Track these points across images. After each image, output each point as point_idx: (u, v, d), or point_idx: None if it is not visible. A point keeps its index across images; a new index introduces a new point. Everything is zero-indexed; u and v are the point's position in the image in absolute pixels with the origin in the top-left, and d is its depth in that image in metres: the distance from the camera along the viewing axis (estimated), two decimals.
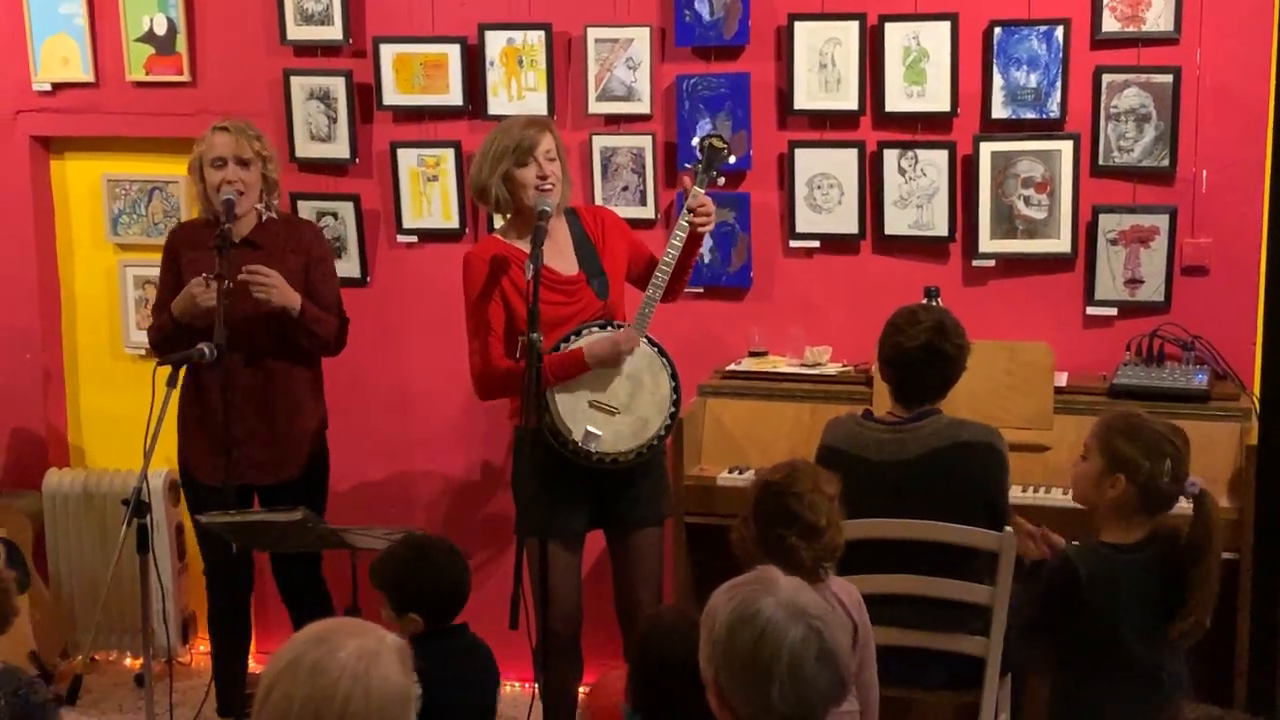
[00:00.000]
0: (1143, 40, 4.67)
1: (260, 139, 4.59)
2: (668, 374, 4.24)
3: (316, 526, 4.12)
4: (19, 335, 5.68)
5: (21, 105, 5.56)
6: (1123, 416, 3.54)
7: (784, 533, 3.33)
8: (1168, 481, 3.43)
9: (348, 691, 2.13)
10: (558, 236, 4.31)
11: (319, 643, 2.20)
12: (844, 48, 4.85)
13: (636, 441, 4.20)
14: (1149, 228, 4.74)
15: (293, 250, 4.61)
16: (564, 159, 4.29)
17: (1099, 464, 3.46)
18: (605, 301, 4.28)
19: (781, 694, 2.27)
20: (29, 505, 5.51)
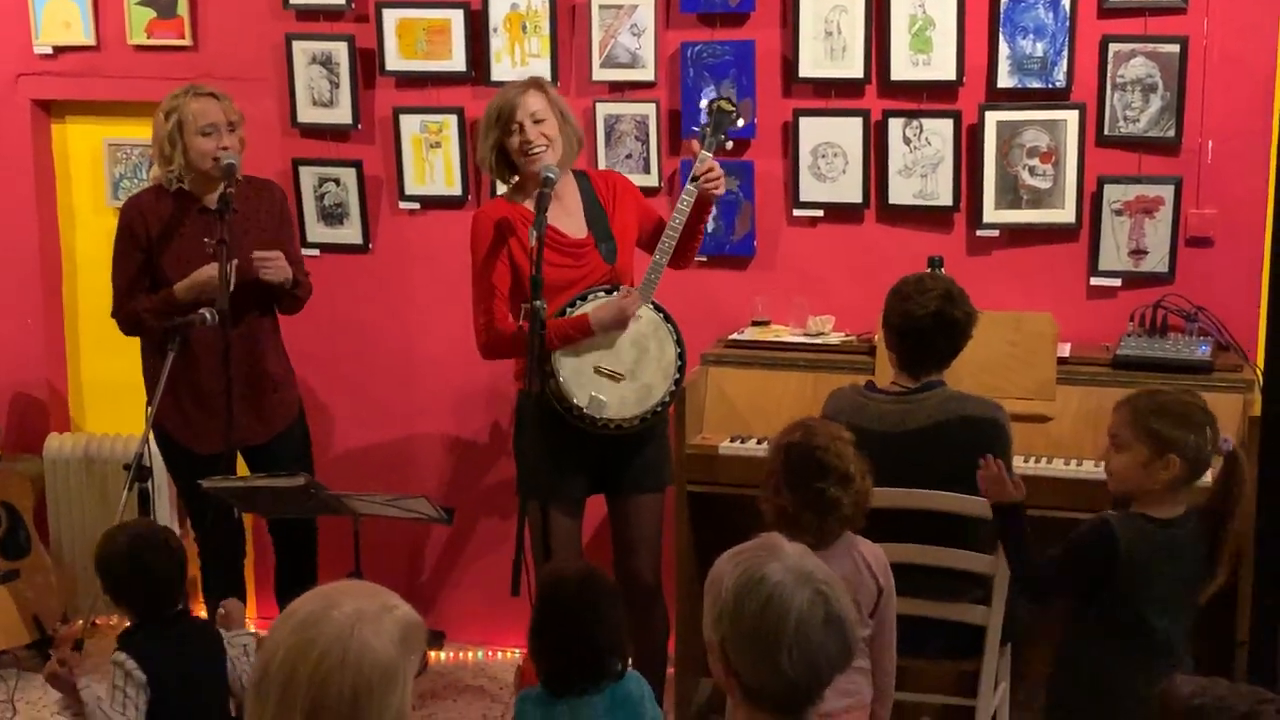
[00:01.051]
0: (1150, 9, 4.65)
1: (231, 101, 4.62)
2: (673, 340, 4.24)
3: (319, 492, 4.13)
4: (20, 300, 5.69)
5: (23, 69, 5.55)
6: (1148, 397, 3.50)
7: (823, 486, 3.37)
8: (1210, 449, 3.44)
9: (325, 648, 2.13)
10: (567, 199, 4.30)
11: (321, 598, 2.21)
12: (850, 15, 4.83)
13: (641, 408, 4.20)
14: (1154, 198, 4.73)
15: (265, 210, 4.66)
16: (563, 116, 4.24)
17: (1144, 451, 3.42)
18: (613, 266, 4.27)
19: (790, 659, 2.28)
20: (30, 469, 5.53)
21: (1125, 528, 3.42)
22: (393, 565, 5.25)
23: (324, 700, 2.12)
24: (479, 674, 5.29)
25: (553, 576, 3.39)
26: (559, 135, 4.22)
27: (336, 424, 4.92)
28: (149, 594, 3.65)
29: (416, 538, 5.39)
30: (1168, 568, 3.42)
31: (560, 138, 4.23)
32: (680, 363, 4.24)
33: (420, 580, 5.44)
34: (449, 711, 4.99)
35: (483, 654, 5.43)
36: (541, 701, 3.22)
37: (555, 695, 3.21)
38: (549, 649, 3.22)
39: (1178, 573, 3.44)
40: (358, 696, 2.13)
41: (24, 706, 5.02)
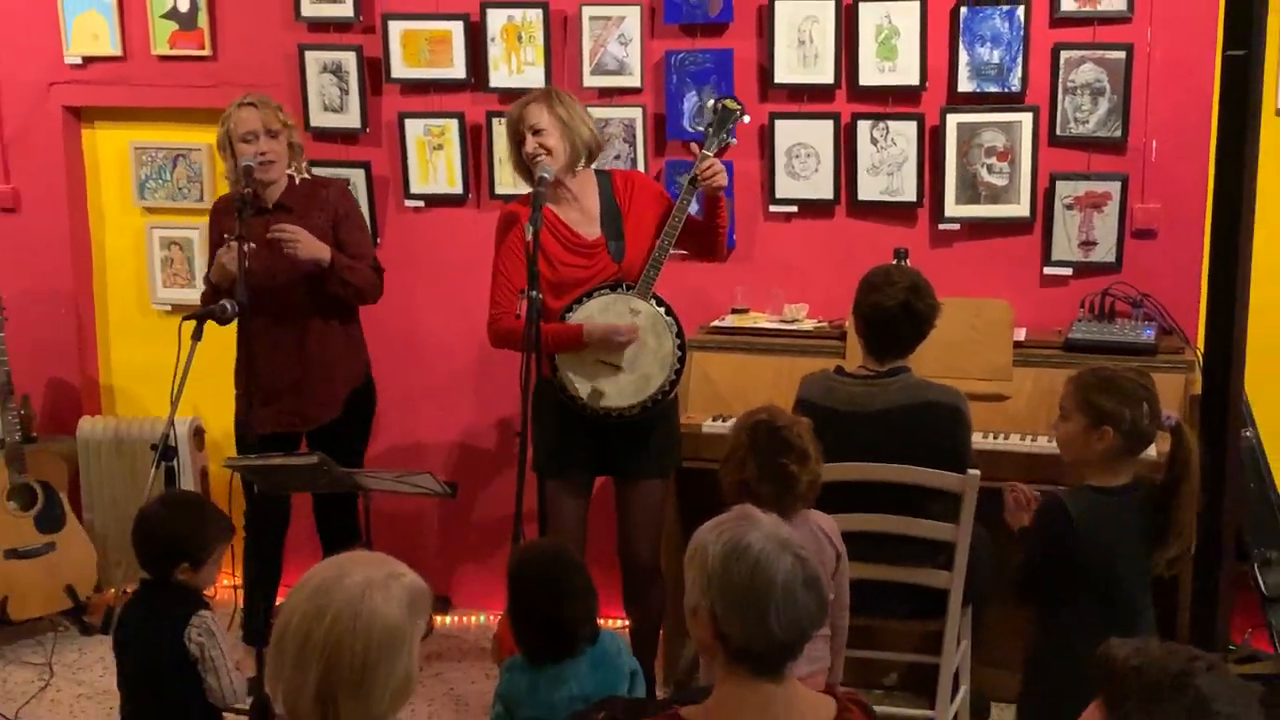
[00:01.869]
0: (1098, 19, 4.66)
1: (281, 109, 4.60)
2: (672, 334, 4.17)
3: (331, 469, 4.12)
4: (54, 293, 5.68)
5: (55, 77, 5.54)
6: (1093, 373, 3.52)
7: (785, 461, 3.39)
8: (1147, 423, 3.45)
9: (337, 612, 2.15)
10: (585, 200, 4.26)
11: (334, 567, 2.23)
12: (821, 25, 4.84)
13: (639, 397, 4.16)
14: (1102, 193, 4.74)
15: (319, 209, 4.61)
16: (567, 126, 4.16)
17: (1082, 421, 3.45)
18: (620, 265, 4.21)
19: (778, 618, 2.29)
20: (64, 450, 5.52)
21: (1074, 500, 3.43)
22: (401, 537, 5.25)
23: (337, 660, 2.14)
24: (482, 637, 5.29)
25: (521, 558, 3.39)
26: (560, 144, 4.16)
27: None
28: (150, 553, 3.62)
29: (423, 511, 5.40)
30: (1117, 533, 3.43)
31: (561, 146, 4.16)
32: (680, 354, 4.18)
33: (426, 550, 5.44)
34: (454, 671, 4.99)
35: (485, 618, 5.43)
36: (526, 668, 3.24)
37: (537, 662, 3.22)
38: (524, 625, 3.23)
39: (1128, 538, 3.44)
40: (368, 657, 2.15)
41: (60, 668, 5.02)
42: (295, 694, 2.16)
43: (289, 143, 4.59)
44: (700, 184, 4.15)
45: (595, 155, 4.30)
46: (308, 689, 2.15)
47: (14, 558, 5.14)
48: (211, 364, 4.60)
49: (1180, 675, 1.68)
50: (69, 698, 4.82)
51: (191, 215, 5.59)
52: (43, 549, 5.20)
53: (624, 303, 4.17)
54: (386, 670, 2.17)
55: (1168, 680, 1.68)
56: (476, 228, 5.23)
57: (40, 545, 5.20)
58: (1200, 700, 1.66)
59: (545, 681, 3.19)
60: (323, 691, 2.14)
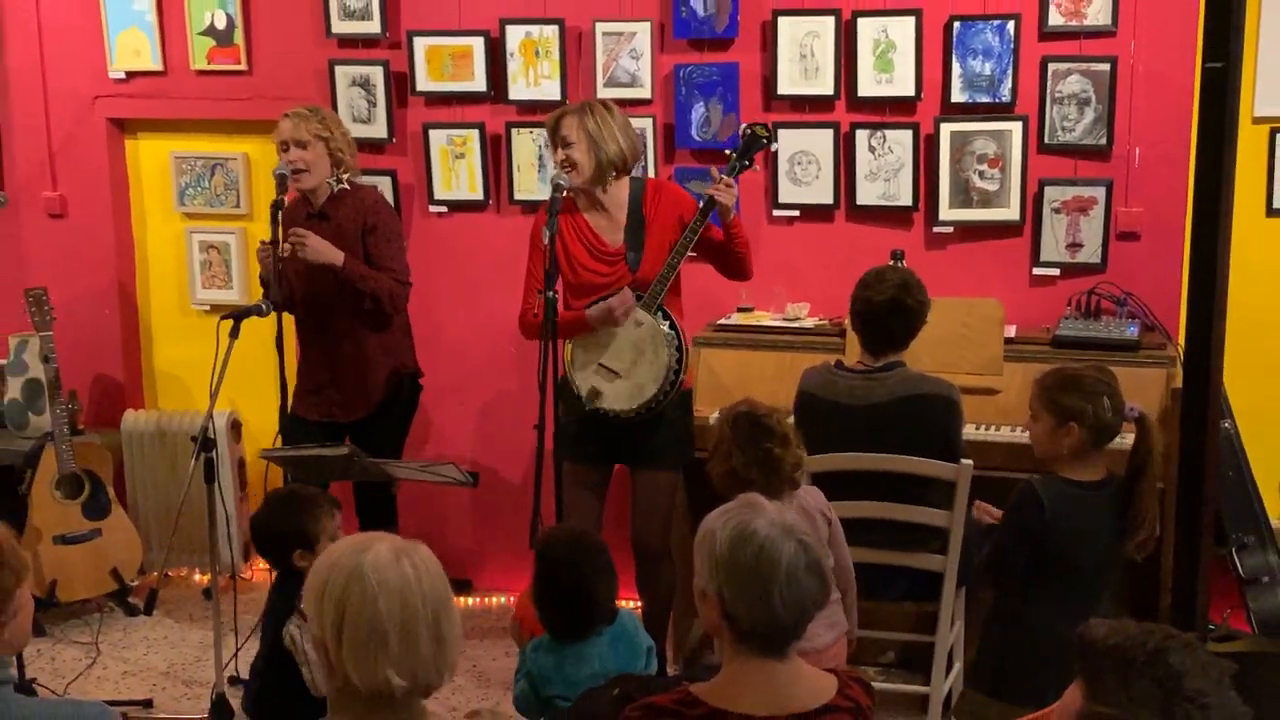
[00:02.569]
0: (1084, 33, 4.65)
1: (323, 121, 4.51)
2: (670, 348, 4.13)
3: (360, 460, 4.13)
4: (100, 294, 5.69)
5: (100, 91, 5.54)
6: (1055, 374, 3.52)
7: (769, 445, 3.40)
8: (1110, 414, 3.43)
9: (413, 580, 2.15)
10: (614, 210, 4.24)
11: (356, 542, 2.23)
12: (821, 40, 4.82)
13: (633, 403, 4.16)
14: (1088, 198, 4.73)
15: (353, 218, 4.56)
16: (593, 139, 4.12)
17: (1050, 421, 3.45)
18: (635, 274, 4.19)
19: (781, 600, 2.29)
20: (110, 442, 5.53)
21: (1046, 488, 3.43)
22: (426, 523, 5.25)
23: (412, 632, 2.12)
24: (502, 617, 5.29)
25: (548, 539, 3.40)
26: (585, 158, 4.13)
27: None
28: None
29: (447, 499, 5.39)
30: (1087, 524, 3.42)
31: (587, 160, 4.13)
32: (677, 368, 4.14)
33: (450, 535, 5.44)
34: (477, 649, 4.99)
35: (505, 599, 5.43)
36: (551, 648, 3.23)
37: (560, 640, 3.21)
38: (549, 602, 3.23)
39: (1097, 529, 3.43)
40: (438, 618, 2.15)
41: (106, 647, 5.03)
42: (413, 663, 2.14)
43: (328, 153, 4.51)
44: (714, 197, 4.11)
45: (627, 169, 4.25)
46: (421, 649, 2.13)
47: (62, 543, 5.15)
48: (248, 360, 4.61)
49: (1155, 653, 1.67)
50: (114, 674, 4.83)
51: (228, 220, 5.60)
52: (89, 535, 5.21)
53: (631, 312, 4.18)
54: (449, 617, 2.17)
55: (1143, 657, 1.67)
56: (497, 232, 5.24)
57: (87, 532, 5.21)
58: (1173, 676, 1.64)
59: (570, 660, 3.19)
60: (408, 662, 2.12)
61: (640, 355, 4.16)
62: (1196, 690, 1.63)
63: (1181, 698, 1.63)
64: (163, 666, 4.90)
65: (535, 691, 3.24)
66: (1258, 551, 4.50)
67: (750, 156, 4.18)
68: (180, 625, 5.26)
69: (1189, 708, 1.62)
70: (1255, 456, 4.64)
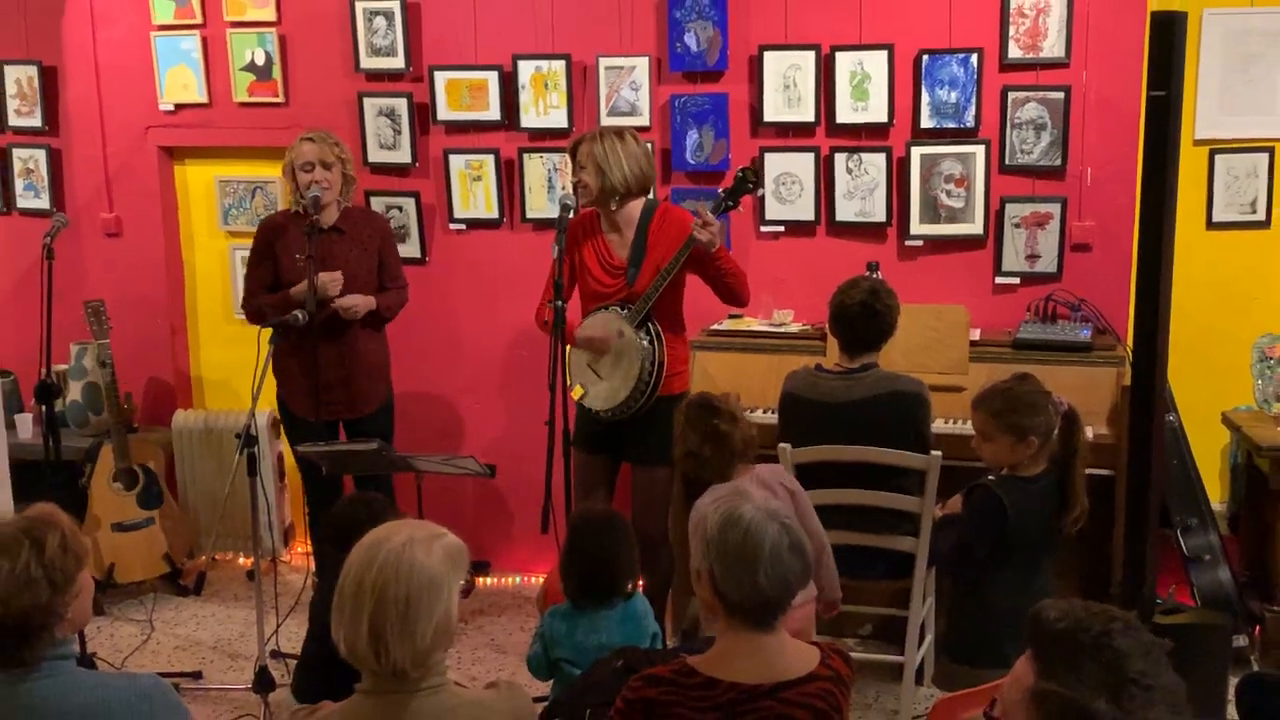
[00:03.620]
0: (1040, 65, 4.65)
1: (339, 145, 4.58)
2: (642, 361, 4.11)
3: (388, 454, 4.14)
4: (152, 304, 5.69)
5: (151, 122, 5.55)
6: (997, 398, 3.48)
7: (716, 422, 3.46)
8: (1052, 419, 3.45)
9: (384, 562, 2.18)
10: (625, 227, 4.24)
11: (385, 530, 2.26)
12: (803, 72, 4.83)
13: (608, 404, 4.20)
14: (1045, 213, 4.73)
15: (369, 235, 4.61)
16: (604, 165, 4.12)
17: (1008, 440, 3.45)
18: (630, 287, 4.19)
19: (766, 577, 2.29)
20: (161, 439, 5.54)
21: (1006, 491, 3.43)
22: (449, 510, 5.25)
23: (383, 601, 2.15)
24: (517, 595, 5.30)
25: (583, 515, 3.41)
26: (593, 180, 4.14)
27: (402, 399, 4.92)
28: None
29: (466, 489, 5.40)
30: (1036, 511, 3.44)
31: (595, 183, 4.14)
32: (648, 378, 4.13)
33: (470, 522, 5.44)
34: (494, 624, 4.99)
35: (520, 579, 5.43)
36: (568, 615, 3.23)
37: (580, 609, 3.21)
38: (578, 569, 3.22)
39: (1045, 513, 3.46)
40: (410, 598, 2.16)
41: (159, 624, 5.03)
42: (353, 637, 2.17)
43: (343, 174, 4.56)
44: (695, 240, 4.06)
45: (636, 193, 4.22)
46: (362, 629, 2.15)
47: (119, 531, 5.16)
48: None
49: (1100, 636, 1.67)
50: (167, 649, 4.83)
51: None
52: (143, 523, 5.22)
53: (617, 323, 4.18)
54: (428, 611, 2.17)
55: (1089, 641, 1.67)
56: (511, 247, 5.24)
57: (141, 520, 5.21)
58: (1119, 659, 1.65)
59: (581, 628, 3.19)
60: (374, 629, 2.15)
61: (619, 363, 4.18)
62: (1139, 672, 1.64)
63: (1126, 679, 1.63)
64: (210, 642, 4.90)
65: (546, 654, 3.25)
66: (1199, 533, 4.51)
67: (737, 199, 4.15)
68: (226, 604, 5.26)
69: (1133, 689, 1.62)
70: (1197, 447, 4.65)
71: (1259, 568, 4.55)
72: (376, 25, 5.19)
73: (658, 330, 4.16)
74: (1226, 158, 4.80)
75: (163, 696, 2.36)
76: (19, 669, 2.29)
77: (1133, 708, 1.61)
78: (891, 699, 4.18)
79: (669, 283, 4.12)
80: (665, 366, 4.16)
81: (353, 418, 4.64)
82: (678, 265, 4.10)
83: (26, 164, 5.70)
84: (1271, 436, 4.33)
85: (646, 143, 4.95)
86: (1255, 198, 4.82)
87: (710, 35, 4.88)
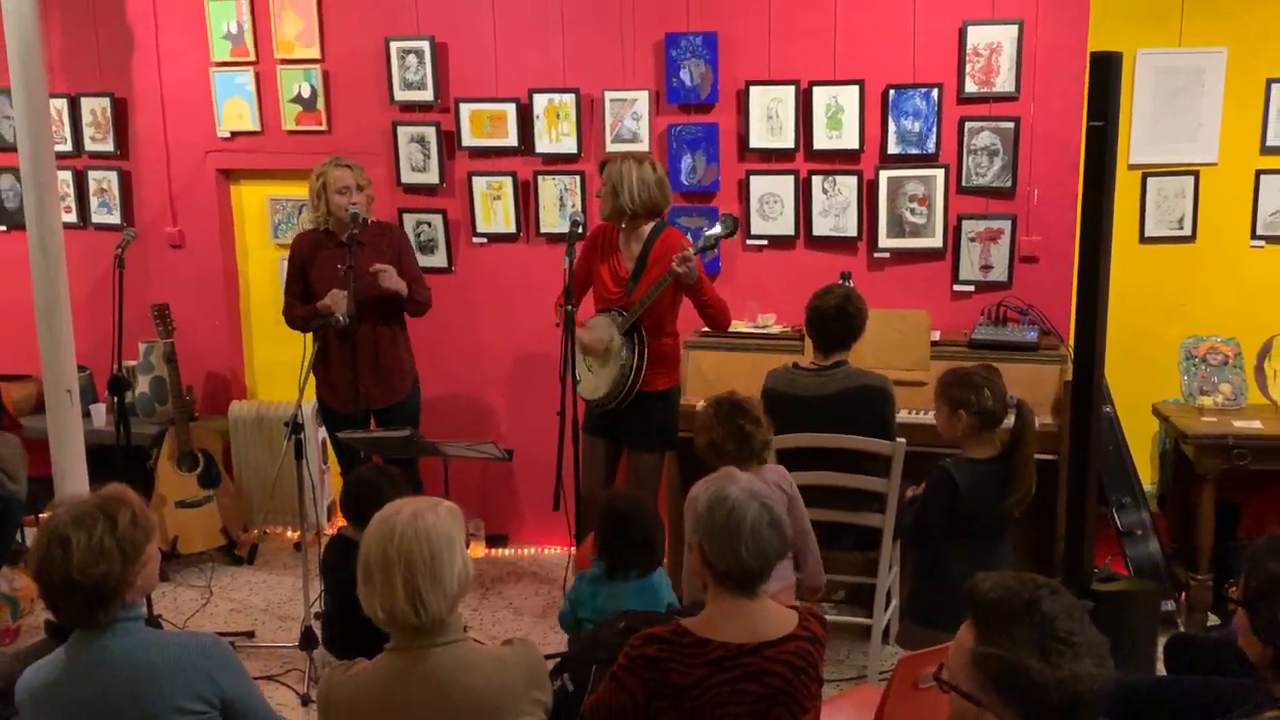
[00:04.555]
0: (993, 98, 4.65)
1: (363, 170, 4.58)
2: (623, 365, 4.15)
3: (419, 440, 4.14)
4: (210, 308, 5.69)
5: (210, 148, 5.55)
6: (950, 372, 3.54)
7: (742, 423, 3.42)
8: (991, 402, 3.45)
9: (402, 530, 2.20)
10: (635, 245, 4.25)
11: (391, 508, 2.28)
12: (784, 104, 4.83)
13: (594, 395, 4.25)
14: (997, 229, 4.73)
15: (387, 245, 4.61)
16: (616, 188, 4.13)
17: (945, 410, 3.48)
18: (628, 296, 4.21)
19: (747, 550, 2.30)
20: (219, 426, 5.54)
21: (958, 470, 3.45)
22: (472, 490, 5.27)
23: (411, 564, 2.17)
24: (532, 564, 5.31)
25: (615, 495, 3.42)
26: (607, 199, 4.17)
27: (429, 392, 4.93)
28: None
29: (488, 472, 5.41)
30: (986, 490, 3.44)
31: (608, 202, 4.17)
32: (623, 378, 4.16)
33: (490, 500, 5.46)
34: (511, 590, 5.00)
35: (534, 550, 5.44)
36: (596, 580, 3.23)
37: (609, 577, 3.21)
38: (614, 542, 3.21)
39: (995, 494, 3.46)
40: (434, 554, 2.18)
41: (217, 590, 5.04)
42: (390, 601, 2.18)
43: (367, 195, 4.58)
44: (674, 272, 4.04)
45: (644, 216, 4.20)
46: (398, 592, 2.16)
47: (182, 507, 5.17)
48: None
49: (1029, 602, 1.68)
50: (223, 612, 4.84)
51: None
52: (203, 500, 5.23)
53: (611, 327, 4.21)
54: (449, 563, 2.20)
55: (1020, 606, 1.68)
56: (527, 258, 5.25)
57: (202, 498, 5.22)
58: (1046, 620, 1.66)
59: (603, 594, 3.19)
60: (409, 589, 2.16)
61: (606, 362, 4.22)
62: (1066, 631, 1.65)
63: (1055, 638, 1.64)
64: (261, 605, 4.91)
65: (573, 612, 3.26)
66: (1132, 510, 4.52)
67: (715, 243, 4.16)
68: (275, 572, 5.27)
69: (1061, 646, 1.63)
70: (1130, 435, 4.66)
71: (1184, 541, 4.56)
72: (409, 62, 5.19)
73: (642, 338, 4.18)
74: (1157, 180, 4.81)
75: (220, 652, 2.37)
76: (95, 628, 2.31)
77: (1061, 663, 1.62)
78: (860, 656, 4.19)
79: (658, 297, 4.13)
80: (644, 370, 4.18)
81: (381, 407, 4.63)
82: (658, 290, 4.11)
83: (100, 184, 5.70)
84: (1195, 425, 4.34)
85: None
86: (1183, 215, 4.82)
87: (703, 72, 4.88)
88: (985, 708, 1.64)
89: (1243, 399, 4.53)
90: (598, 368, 4.24)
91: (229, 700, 2.34)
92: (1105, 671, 1.64)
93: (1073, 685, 1.61)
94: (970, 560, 3.34)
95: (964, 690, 1.67)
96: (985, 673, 1.65)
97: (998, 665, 1.64)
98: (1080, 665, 1.62)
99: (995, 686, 1.64)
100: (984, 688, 1.65)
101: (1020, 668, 1.62)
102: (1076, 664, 1.62)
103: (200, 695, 2.30)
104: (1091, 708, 1.62)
